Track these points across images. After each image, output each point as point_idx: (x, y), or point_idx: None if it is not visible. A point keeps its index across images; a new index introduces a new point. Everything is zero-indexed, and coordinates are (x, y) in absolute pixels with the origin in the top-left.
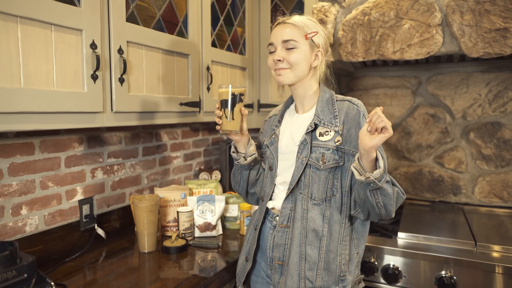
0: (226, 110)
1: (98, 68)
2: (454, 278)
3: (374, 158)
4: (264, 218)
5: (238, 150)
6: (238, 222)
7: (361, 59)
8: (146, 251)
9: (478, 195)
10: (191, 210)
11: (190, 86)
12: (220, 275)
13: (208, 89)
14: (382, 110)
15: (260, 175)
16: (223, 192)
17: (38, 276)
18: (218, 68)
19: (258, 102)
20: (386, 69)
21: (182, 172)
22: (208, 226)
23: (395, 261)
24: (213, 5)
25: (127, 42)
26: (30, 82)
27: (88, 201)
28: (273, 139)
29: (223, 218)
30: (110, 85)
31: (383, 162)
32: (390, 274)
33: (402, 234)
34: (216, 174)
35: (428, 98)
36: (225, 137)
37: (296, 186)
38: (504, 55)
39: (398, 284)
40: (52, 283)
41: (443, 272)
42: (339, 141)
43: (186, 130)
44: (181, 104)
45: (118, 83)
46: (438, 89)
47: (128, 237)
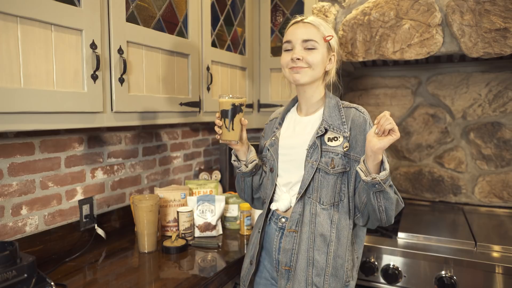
0: (226, 120)
1: (98, 68)
2: (454, 278)
3: (380, 161)
4: (267, 220)
5: (239, 158)
6: (238, 222)
7: (361, 59)
8: (146, 251)
9: (478, 195)
10: (191, 210)
11: (190, 86)
12: (220, 275)
13: (208, 89)
14: (390, 114)
15: (263, 179)
16: (223, 192)
17: (38, 276)
18: (218, 68)
19: (258, 102)
20: (386, 69)
21: (182, 172)
22: (208, 226)
23: (395, 261)
24: (213, 5)
25: (127, 42)
26: (30, 82)
27: (88, 201)
28: (273, 141)
29: (223, 218)
30: (110, 85)
31: (388, 165)
32: (390, 274)
33: (402, 234)
34: (216, 174)
35: (428, 98)
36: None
37: (305, 191)
38: (504, 55)
39: (398, 284)
40: (52, 283)
41: (443, 272)
42: (347, 147)
43: (186, 130)
44: (181, 104)
45: (118, 83)
46: (438, 89)
47: (128, 237)
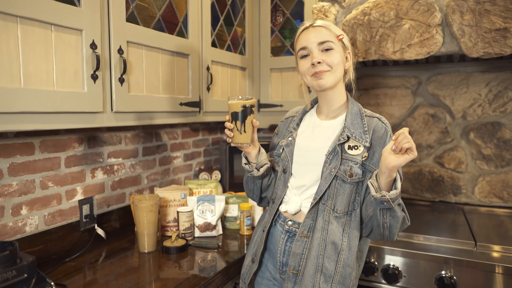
0: (237, 123)
1: (98, 68)
2: (454, 278)
3: (393, 178)
4: (273, 221)
5: (250, 161)
6: (238, 222)
7: (361, 59)
8: (146, 251)
9: (478, 195)
10: (191, 210)
11: (190, 86)
12: (220, 275)
13: (208, 89)
14: (408, 131)
15: (272, 180)
16: (223, 192)
17: (38, 276)
18: (218, 68)
19: (258, 102)
20: (386, 69)
21: (182, 172)
22: (208, 226)
23: (395, 261)
24: (213, 5)
25: (127, 42)
26: (30, 82)
27: (88, 201)
28: (289, 142)
29: (223, 218)
30: (110, 85)
31: (400, 184)
32: (390, 274)
33: (402, 234)
34: (216, 174)
35: (428, 98)
36: (224, 136)
37: (320, 197)
38: (504, 55)
39: (398, 284)
40: (52, 283)
41: (443, 272)
42: (366, 157)
43: (186, 130)
44: (181, 104)
45: (118, 83)
46: (438, 89)
47: (128, 237)
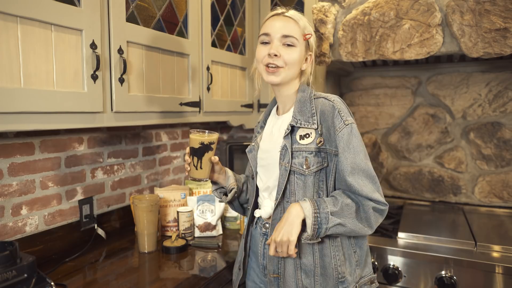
0: (194, 158)
1: (98, 68)
2: (454, 278)
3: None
4: (253, 224)
5: (220, 185)
6: (238, 222)
7: (361, 59)
8: (146, 251)
9: (478, 195)
10: (191, 210)
11: (190, 86)
12: (220, 275)
13: (208, 89)
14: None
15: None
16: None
17: (38, 276)
18: (218, 68)
19: (258, 102)
20: (386, 69)
21: (182, 172)
22: (208, 226)
23: (395, 261)
24: (213, 5)
25: (127, 42)
26: (30, 82)
27: (88, 201)
28: (252, 147)
29: (223, 218)
30: (110, 85)
31: (313, 221)
32: (390, 274)
33: (402, 234)
34: None
35: (428, 98)
36: (225, 136)
37: (282, 195)
38: (504, 55)
39: (398, 284)
40: (52, 283)
41: (443, 272)
42: (321, 142)
43: (186, 130)
44: (181, 104)
45: (118, 83)
46: (438, 89)
47: (128, 237)
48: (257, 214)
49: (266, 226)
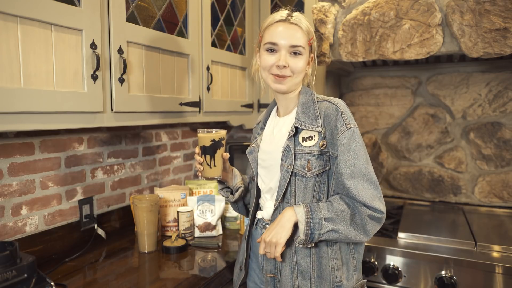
0: (207, 157)
1: (98, 68)
2: (454, 278)
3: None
4: (254, 225)
5: (227, 185)
6: (238, 222)
7: (361, 59)
8: (146, 251)
9: (478, 195)
10: (191, 210)
11: (190, 86)
12: (220, 275)
13: (208, 89)
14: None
15: None
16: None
17: (38, 276)
18: (218, 68)
19: (258, 102)
20: (386, 69)
21: (182, 172)
22: (208, 226)
23: (395, 261)
24: (213, 5)
25: (127, 42)
26: (30, 82)
27: (88, 201)
28: (252, 149)
29: (223, 218)
30: (110, 85)
31: (305, 226)
32: (390, 274)
33: (402, 234)
34: None
35: (428, 98)
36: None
37: (283, 196)
38: (504, 55)
39: (398, 284)
40: (52, 283)
41: (443, 272)
42: (324, 144)
43: (186, 130)
44: (181, 104)
45: (118, 83)
46: (438, 89)
47: (128, 237)
48: (259, 215)
49: (267, 227)
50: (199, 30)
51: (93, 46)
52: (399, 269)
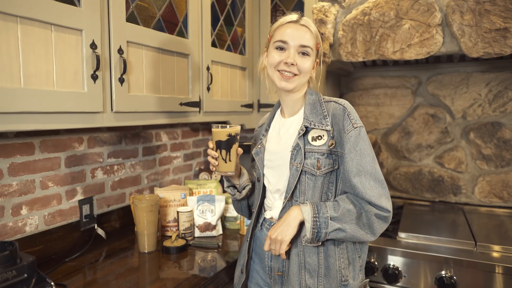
0: (222, 152)
1: (98, 68)
2: (454, 278)
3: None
4: (258, 226)
5: (233, 182)
6: (238, 222)
7: (361, 59)
8: (146, 251)
9: (478, 195)
10: (191, 210)
11: (190, 86)
12: (220, 275)
13: (208, 89)
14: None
15: None
16: (223, 192)
17: (38, 276)
18: (218, 68)
19: (258, 102)
20: (386, 69)
21: (182, 172)
22: (208, 226)
23: (395, 261)
24: (213, 5)
25: (127, 42)
26: (30, 82)
27: (88, 201)
28: (258, 150)
29: (223, 218)
30: (110, 85)
31: (312, 224)
32: (390, 274)
33: (402, 234)
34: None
35: (428, 98)
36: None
37: (292, 194)
38: (504, 55)
39: (398, 284)
40: (52, 283)
41: (443, 272)
42: (333, 144)
43: (186, 130)
44: (181, 104)
45: (118, 83)
46: (438, 89)
47: (128, 237)
48: (267, 215)
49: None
50: (199, 30)
51: (93, 46)
52: (399, 269)
